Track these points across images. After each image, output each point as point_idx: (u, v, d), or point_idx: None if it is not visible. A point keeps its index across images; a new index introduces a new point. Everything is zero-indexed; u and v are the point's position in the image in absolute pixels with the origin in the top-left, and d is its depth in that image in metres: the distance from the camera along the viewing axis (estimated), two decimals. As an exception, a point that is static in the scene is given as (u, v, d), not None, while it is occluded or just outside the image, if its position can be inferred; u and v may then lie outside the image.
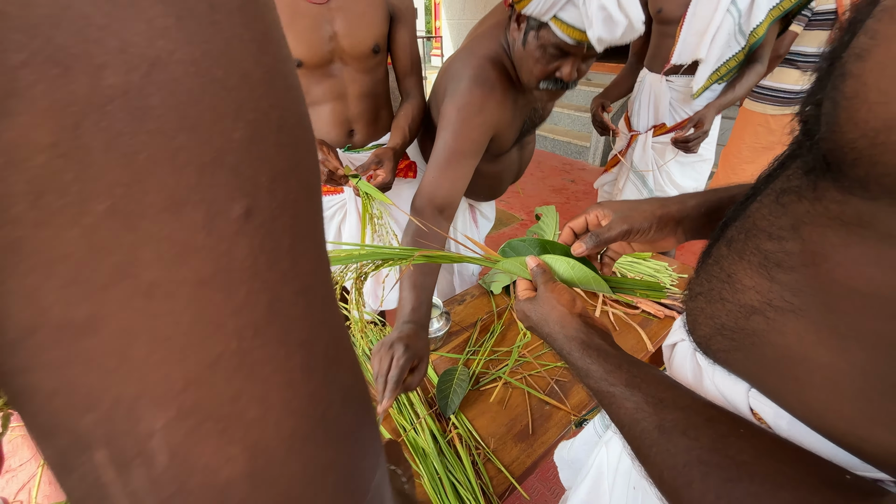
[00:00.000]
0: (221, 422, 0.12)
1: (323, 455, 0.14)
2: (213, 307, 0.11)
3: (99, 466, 0.11)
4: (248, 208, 0.11)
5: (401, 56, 1.09)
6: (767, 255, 0.30)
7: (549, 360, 0.99)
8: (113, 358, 0.10)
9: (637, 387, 0.35)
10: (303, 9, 0.91)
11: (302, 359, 0.13)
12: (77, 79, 0.09)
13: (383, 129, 1.15)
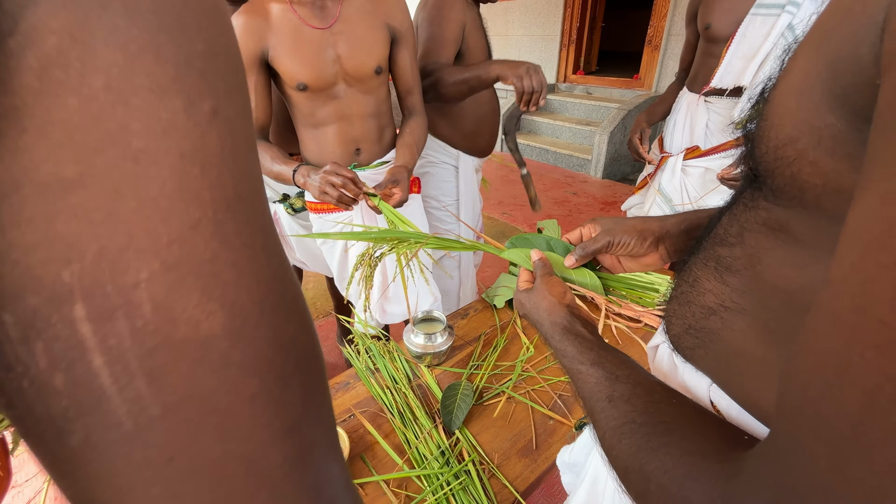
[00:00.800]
0: (202, 278, 0.13)
1: (288, 328, 0.15)
2: (192, 178, 0.13)
3: (77, 321, 0.12)
4: (213, 107, 0.13)
5: (402, 75, 1.12)
6: (720, 259, 0.33)
7: (553, 374, 0.99)
8: (100, 211, 0.11)
9: (600, 365, 0.39)
10: (307, 34, 0.95)
11: (263, 242, 0.15)
12: None
13: (387, 147, 1.18)
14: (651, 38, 4.06)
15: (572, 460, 0.71)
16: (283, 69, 0.96)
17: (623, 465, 0.30)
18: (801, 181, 0.24)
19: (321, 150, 1.08)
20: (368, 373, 1.00)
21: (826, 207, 0.24)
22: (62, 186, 0.11)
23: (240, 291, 0.14)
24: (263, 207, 0.16)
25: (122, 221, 0.12)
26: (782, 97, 0.25)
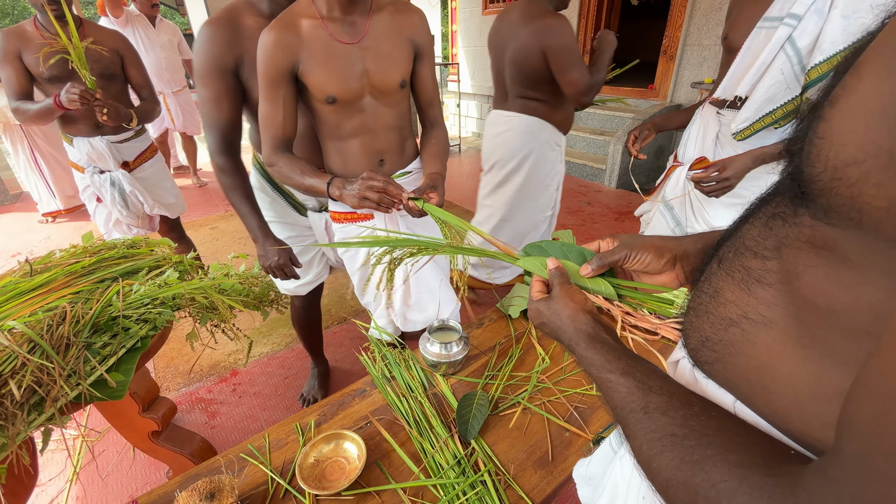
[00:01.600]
0: None
1: None
2: None
3: None
4: None
5: (424, 89, 1.15)
6: (750, 271, 0.33)
7: (569, 386, 0.99)
8: None
9: (631, 374, 0.38)
10: (336, 49, 0.98)
11: None
12: None
13: (409, 158, 1.20)
14: (666, 49, 4.05)
15: (589, 473, 0.70)
16: (312, 82, 0.99)
17: (665, 477, 0.30)
18: (861, 203, 0.23)
19: (346, 162, 1.11)
20: (384, 380, 1.01)
21: (886, 231, 0.23)
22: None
23: None
24: None
25: None
26: (846, 117, 0.24)
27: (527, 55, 1.60)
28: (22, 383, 0.71)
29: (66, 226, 3.41)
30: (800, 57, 1.08)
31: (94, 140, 1.76)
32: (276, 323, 2.15)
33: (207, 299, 1.12)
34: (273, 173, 1.08)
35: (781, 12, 1.06)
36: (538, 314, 0.54)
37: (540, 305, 0.54)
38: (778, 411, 0.31)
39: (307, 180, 1.03)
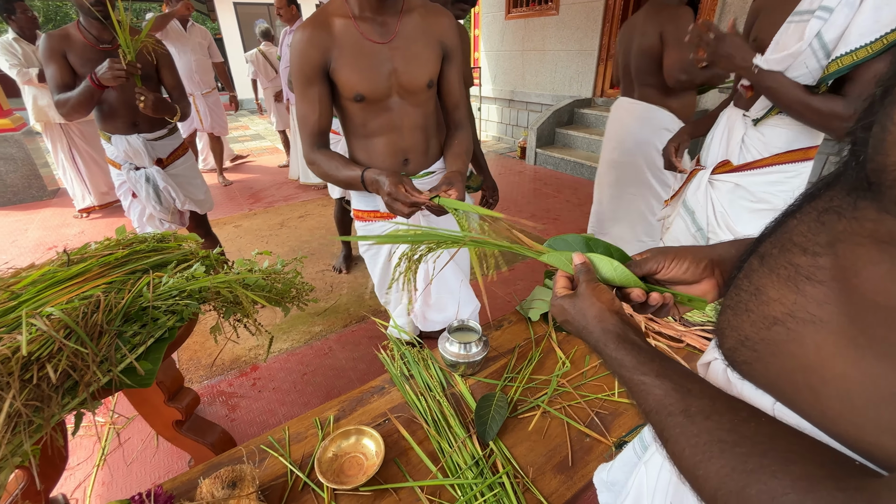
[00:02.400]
0: None
1: None
2: None
3: None
4: None
5: (451, 90, 1.15)
6: (798, 268, 0.31)
7: (590, 391, 0.97)
8: None
9: (667, 377, 0.37)
10: (367, 48, 0.99)
11: None
12: None
13: (434, 158, 1.21)
14: (693, 53, 3.98)
15: (611, 479, 0.68)
16: (342, 80, 1.01)
17: (713, 486, 0.29)
18: None
19: (371, 160, 1.12)
20: (403, 379, 1.01)
21: None
22: None
23: None
24: None
25: None
26: None
27: (648, 44, 1.78)
28: (58, 367, 0.74)
29: (99, 221, 3.55)
30: (826, 50, 1.05)
31: (131, 138, 1.83)
32: (296, 320, 2.18)
33: (232, 293, 1.15)
34: (314, 170, 1.09)
35: (812, 5, 1.03)
36: (562, 312, 0.52)
37: (564, 303, 0.52)
38: (826, 414, 0.29)
39: (344, 172, 1.04)
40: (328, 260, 2.81)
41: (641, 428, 0.66)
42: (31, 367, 0.73)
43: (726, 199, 1.33)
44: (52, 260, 1.07)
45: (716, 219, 1.37)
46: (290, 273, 1.35)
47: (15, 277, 0.94)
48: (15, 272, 0.98)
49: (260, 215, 3.62)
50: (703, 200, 1.39)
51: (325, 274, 2.66)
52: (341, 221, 2.60)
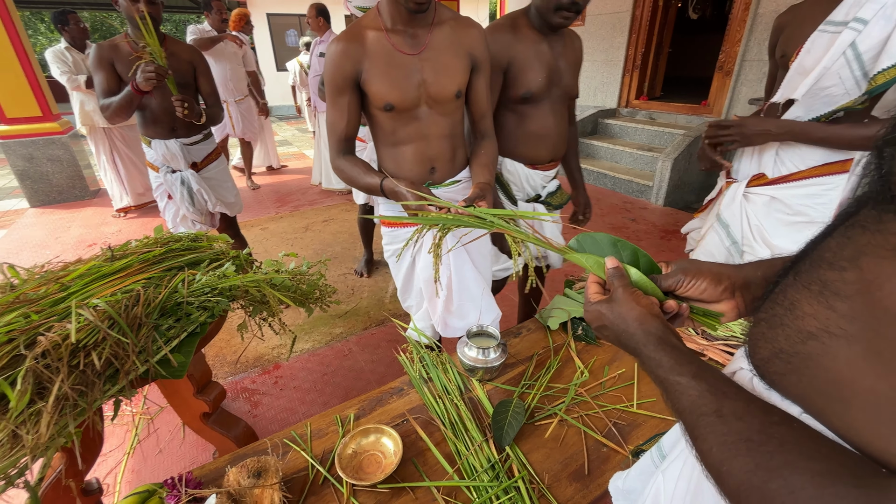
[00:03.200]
0: None
1: None
2: None
3: None
4: None
5: (478, 100, 1.18)
6: (827, 284, 0.32)
7: (608, 401, 0.97)
8: None
9: (703, 378, 0.38)
10: (398, 60, 1.03)
11: None
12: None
13: (460, 167, 1.24)
14: (723, 64, 3.91)
15: (627, 487, 0.68)
16: (372, 90, 1.05)
17: (736, 482, 0.30)
18: None
19: (398, 168, 1.16)
20: (421, 381, 1.03)
21: None
22: None
23: None
24: None
25: None
26: None
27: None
28: (102, 355, 0.79)
29: (135, 221, 3.72)
30: (861, 62, 1.04)
31: (170, 142, 1.93)
32: (318, 321, 2.23)
33: (260, 292, 1.20)
34: (339, 175, 1.14)
35: (847, 17, 1.02)
36: (599, 316, 0.52)
37: (601, 308, 0.52)
38: (853, 426, 0.29)
39: (366, 179, 1.08)
40: (350, 264, 2.87)
41: (659, 437, 0.66)
42: (78, 354, 0.78)
43: (762, 213, 1.32)
44: (97, 255, 1.14)
45: (751, 232, 1.35)
46: (314, 275, 1.40)
47: (64, 271, 1.01)
48: (64, 266, 1.05)
49: (286, 218, 3.73)
50: (738, 214, 1.37)
51: (346, 277, 2.71)
52: (364, 226, 2.66)
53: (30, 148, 3.88)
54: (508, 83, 1.29)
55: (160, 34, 1.81)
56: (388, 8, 1.03)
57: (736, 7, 3.73)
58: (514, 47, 1.26)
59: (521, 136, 1.39)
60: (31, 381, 0.72)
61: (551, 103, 1.36)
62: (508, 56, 1.26)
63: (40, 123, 3.89)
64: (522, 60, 1.27)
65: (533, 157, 1.43)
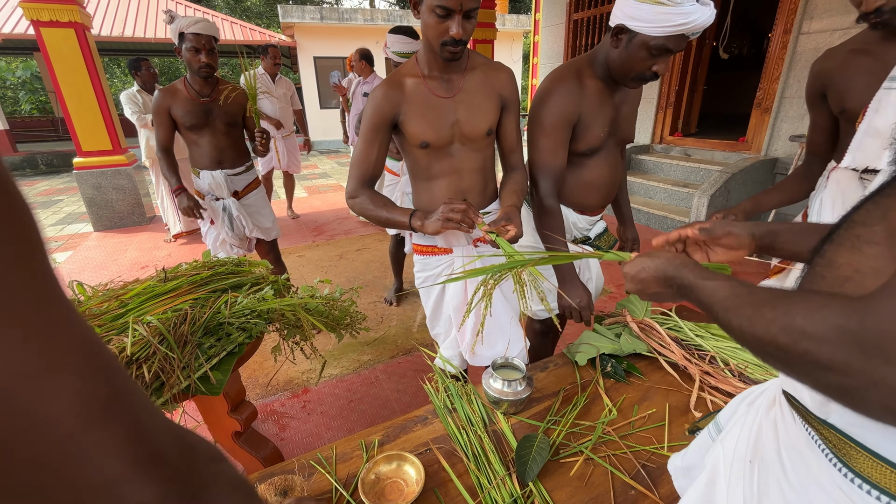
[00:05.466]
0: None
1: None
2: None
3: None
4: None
5: (507, 137, 1.26)
6: (859, 237, 0.40)
7: (637, 442, 0.94)
8: None
9: (730, 279, 0.50)
10: (434, 102, 1.12)
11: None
12: None
13: (490, 198, 1.29)
14: (761, 101, 3.86)
15: (686, 464, 0.71)
16: (410, 130, 1.14)
17: (765, 329, 0.39)
18: None
19: (433, 200, 1.22)
20: (446, 411, 1.03)
21: None
22: None
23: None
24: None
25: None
26: None
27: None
28: (152, 368, 0.85)
29: (184, 246, 3.97)
30: None
31: (216, 173, 2.11)
32: (347, 348, 2.28)
33: (295, 316, 1.25)
34: (352, 205, 1.20)
35: None
36: (639, 262, 0.67)
37: (640, 260, 0.67)
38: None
39: (388, 213, 1.14)
40: (380, 292, 2.93)
41: (715, 415, 0.72)
42: (131, 366, 0.85)
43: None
44: (151, 276, 1.24)
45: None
46: (346, 301, 1.45)
47: (123, 289, 1.11)
48: (123, 285, 1.15)
49: (322, 247, 3.87)
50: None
51: (376, 305, 2.77)
52: (395, 256, 2.73)
53: (99, 178, 4.27)
54: (573, 138, 1.26)
55: (215, 78, 2.02)
56: (425, 57, 1.12)
57: (773, 45, 3.71)
58: (582, 103, 1.22)
59: (574, 184, 1.36)
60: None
61: (608, 153, 1.34)
62: (578, 111, 1.22)
63: (110, 156, 4.29)
64: (589, 117, 1.24)
65: (584, 205, 1.40)
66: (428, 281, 1.31)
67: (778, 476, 0.49)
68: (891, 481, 0.38)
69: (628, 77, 1.16)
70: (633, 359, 1.21)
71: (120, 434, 0.22)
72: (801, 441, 0.48)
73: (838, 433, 0.42)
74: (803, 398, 0.47)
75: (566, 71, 1.24)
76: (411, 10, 1.05)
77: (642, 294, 0.68)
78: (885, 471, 0.38)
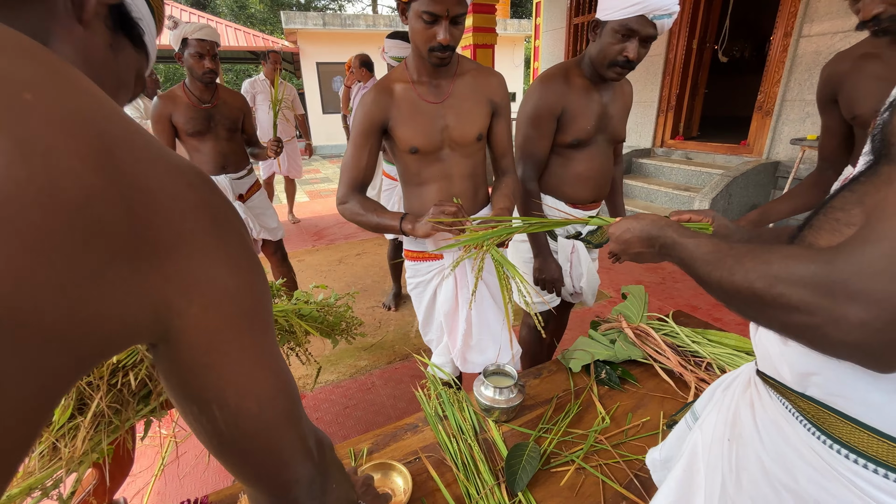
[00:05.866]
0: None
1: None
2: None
3: None
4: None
5: (498, 142, 1.26)
6: (839, 221, 0.42)
7: (630, 451, 0.92)
8: None
9: (710, 238, 0.53)
10: (423, 108, 1.11)
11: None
12: None
13: (481, 204, 1.28)
14: (762, 104, 3.84)
15: (664, 456, 0.73)
16: (399, 136, 1.13)
17: (743, 278, 0.42)
18: None
19: (423, 206, 1.21)
20: (437, 419, 1.02)
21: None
22: None
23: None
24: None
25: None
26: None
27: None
28: (139, 375, 0.84)
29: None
30: None
31: (220, 178, 2.11)
32: (344, 353, 2.27)
33: (287, 322, 1.25)
34: (342, 210, 1.19)
35: None
36: (624, 223, 0.70)
37: (624, 221, 0.71)
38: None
39: (378, 218, 1.13)
40: (379, 297, 2.92)
41: (691, 405, 0.73)
42: (118, 373, 0.84)
43: None
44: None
45: None
46: (342, 307, 1.44)
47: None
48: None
49: (322, 251, 3.88)
50: None
51: (374, 310, 2.76)
52: (394, 260, 2.72)
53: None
54: (559, 129, 1.34)
55: (214, 84, 2.03)
56: (414, 62, 1.12)
57: (773, 48, 3.70)
58: (567, 97, 1.31)
59: (565, 176, 1.43)
60: (74, 396, 0.78)
61: (597, 147, 1.40)
62: (562, 105, 1.31)
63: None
64: (574, 109, 1.32)
65: (574, 197, 1.45)
66: (419, 287, 1.30)
67: (756, 448, 0.53)
68: (868, 444, 0.42)
69: (605, 66, 1.24)
70: (629, 365, 1.20)
71: (299, 433, 0.38)
72: (778, 415, 0.51)
73: (817, 404, 0.46)
74: (782, 374, 0.51)
75: (554, 69, 1.35)
76: (399, 15, 1.05)
77: (625, 254, 0.71)
78: (863, 435, 0.42)
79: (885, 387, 0.41)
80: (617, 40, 1.17)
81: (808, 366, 0.47)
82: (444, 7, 0.96)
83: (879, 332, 0.32)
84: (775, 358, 0.52)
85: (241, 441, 0.34)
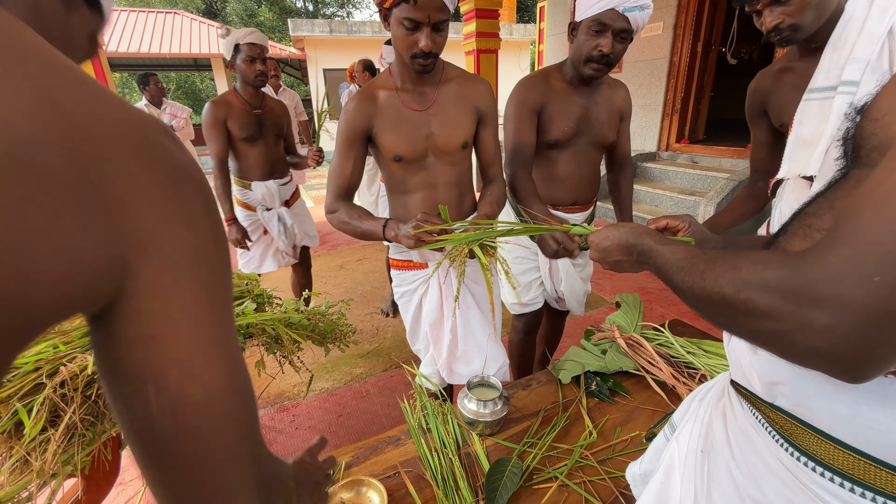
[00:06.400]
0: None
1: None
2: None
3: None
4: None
5: (485, 150, 1.23)
6: (811, 226, 0.42)
7: (616, 467, 0.89)
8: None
9: (684, 246, 0.53)
10: (407, 115, 1.10)
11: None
12: None
13: (467, 212, 1.26)
14: (768, 107, 3.78)
15: (643, 470, 0.71)
16: (383, 143, 1.12)
17: (714, 283, 0.41)
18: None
19: (408, 214, 1.20)
20: (420, 431, 1.00)
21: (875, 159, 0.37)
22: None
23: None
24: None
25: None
26: (885, 98, 0.38)
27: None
28: (112, 387, 0.84)
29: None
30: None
31: (269, 183, 2.14)
32: (340, 360, 2.26)
33: (275, 331, 1.24)
34: (331, 220, 1.18)
35: (829, 81, 1.01)
36: (604, 232, 0.70)
37: (604, 230, 0.71)
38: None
39: (364, 224, 1.11)
40: (378, 303, 2.91)
41: (669, 416, 0.72)
42: (94, 385, 0.84)
43: None
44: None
45: None
46: (334, 315, 1.43)
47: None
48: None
49: (323, 257, 3.88)
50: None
51: (372, 316, 2.75)
52: None
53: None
54: (539, 129, 1.35)
55: (261, 92, 2.04)
56: (398, 69, 1.11)
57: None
58: (547, 96, 1.33)
59: (543, 176, 1.43)
60: (46, 409, 0.78)
61: (579, 150, 1.39)
62: (541, 102, 1.33)
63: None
64: (553, 109, 1.33)
65: (552, 198, 1.44)
66: (405, 296, 1.28)
67: (727, 460, 0.52)
68: (834, 457, 0.42)
69: (582, 63, 1.25)
70: (620, 377, 1.17)
71: (253, 456, 0.33)
72: (748, 426, 0.51)
73: (785, 414, 0.46)
74: (753, 384, 0.50)
75: (535, 73, 1.39)
76: (382, 21, 1.04)
77: (605, 262, 0.71)
78: (829, 447, 0.42)
79: (851, 399, 0.40)
80: (591, 36, 1.19)
81: (774, 375, 0.46)
82: (425, 14, 0.95)
83: (845, 338, 0.31)
84: (745, 367, 0.51)
85: (174, 441, 0.27)
